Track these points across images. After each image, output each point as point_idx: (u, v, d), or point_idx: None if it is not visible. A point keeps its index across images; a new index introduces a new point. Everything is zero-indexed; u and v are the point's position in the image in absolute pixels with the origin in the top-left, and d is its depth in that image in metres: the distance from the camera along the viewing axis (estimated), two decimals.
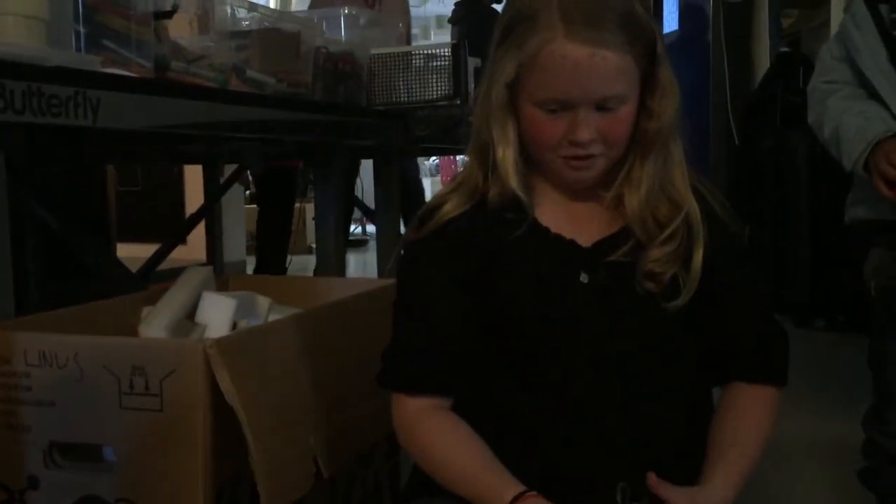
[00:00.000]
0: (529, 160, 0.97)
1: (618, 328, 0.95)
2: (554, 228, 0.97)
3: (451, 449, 0.94)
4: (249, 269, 5.50)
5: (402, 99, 2.35)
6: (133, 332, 1.35)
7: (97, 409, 1.08)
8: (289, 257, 3.61)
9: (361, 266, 6.13)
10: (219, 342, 1.05)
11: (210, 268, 1.49)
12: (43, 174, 2.10)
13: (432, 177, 9.64)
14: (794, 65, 3.84)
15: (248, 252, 5.66)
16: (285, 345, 1.18)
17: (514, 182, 0.95)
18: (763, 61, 4.32)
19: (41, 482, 1.12)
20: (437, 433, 0.96)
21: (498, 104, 0.93)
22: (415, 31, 7.20)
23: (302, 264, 5.35)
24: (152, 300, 1.45)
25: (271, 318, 1.38)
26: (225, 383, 1.03)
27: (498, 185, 0.96)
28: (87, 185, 3.39)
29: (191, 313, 1.37)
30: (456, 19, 4.46)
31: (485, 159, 0.97)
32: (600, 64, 0.88)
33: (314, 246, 6.40)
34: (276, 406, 1.10)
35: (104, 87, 1.29)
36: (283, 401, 1.12)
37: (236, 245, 5.30)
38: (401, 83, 2.35)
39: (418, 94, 2.36)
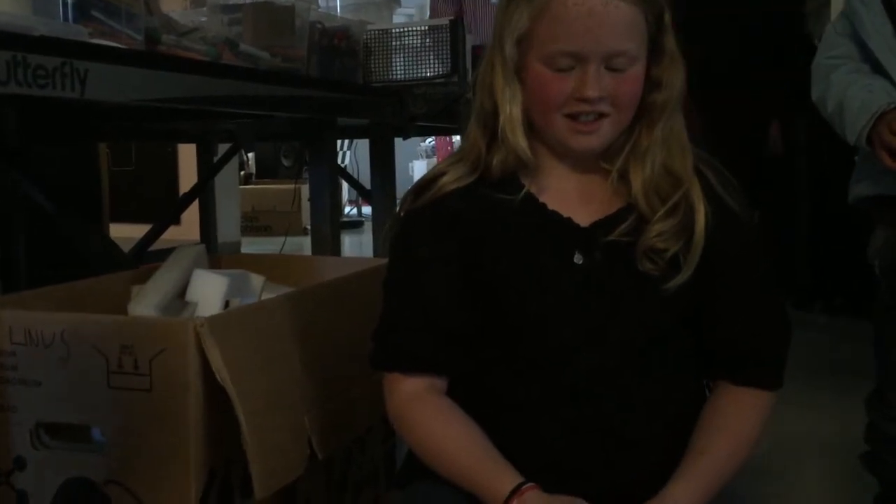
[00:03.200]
0: (533, 131, 0.94)
1: (615, 311, 0.91)
2: (552, 205, 0.94)
3: (447, 437, 0.92)
4: (245, 250, 5.49)
5: (399, 76, 2.30)
6: (123, 312, 1.31)
7: (85, 388, 1.05)
8: (283, 238, 3.57)
9: (357, 247, 6.10)
10: (210, 320, 1.02)
11: (202, 246, 1.45)
12: (34, 154, 2.06)
13: (428, 158, 9.60)
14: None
15: (244, 232, 5.65)
16: (279, 324, 1.15)
17: (520, 140, 0.91)
18: None
19: (28, 463, 1.09)
20: (433, 420, 0.93)
21: (509, 61, 0.90)
22: (410, 10, 7.14)
23: (297, 245, 5.32)
24: (142, 279, 1.42)
25: (265, 296, 1.35)
26: (216, 363, 1.00)
27: (501, 153, 0.93)
28: (78, 165, 3.35)
29: (182, 292, 1.34)
30: None
31: (488, 126, 0.94)
32: (614, 13, 0.86)
33: (308, 227, 6.38)
34: (269, 387, 1.08)
35: (92, 59, 1.25)
36: (276, 381, 1.10)
37: (231, 225, 5.26)
38: (397, 60, 2.31)
39: (415, 71, 2.32)
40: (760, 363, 0.95)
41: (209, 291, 1.20)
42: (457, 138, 8.78)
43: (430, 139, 9.19)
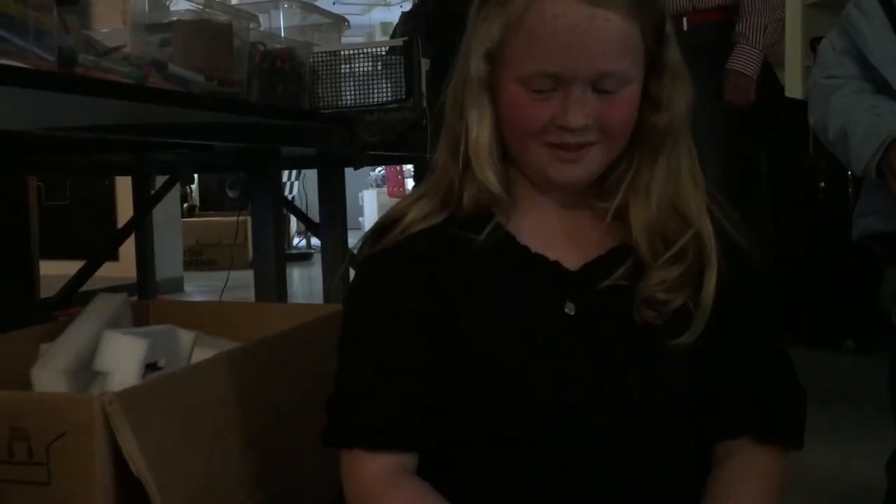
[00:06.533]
0: (508, 160, 0.79)
1: (614, 369, 0.77)
2: (535, 247, 0.80)
3: None
4: (188, 287, 5.25)
5: (349, 102, 2.14)
6: (26, 378, 1.11)
7: None
8: (227, 273, 3.37)
9: (307, 281, 5.89)
10: (121, 395, 0.84)
11: (123, 295, 1.26)
12: None
13: (378, 188, 9.46)
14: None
15: (187, 267, 5.40)
16: (210, 394, 0.96)
17: (488, 172, 0.78)
18: None
19: None
20: None
21: (475, 78, 0.77)
22: (359, 38, 7.01)
23: (243, 279, 5.10)
24: (54, 335, 1.22)
25: (197, 356, 1.15)
26: (129, 448, 0.81)
27: (472, 186, 0.79)
28: (5, 200, 3.14)
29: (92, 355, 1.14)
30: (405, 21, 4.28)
31: (457, 154, 0.79)
32: (602, 28, 0.72)
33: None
34: (198, 473, 0.89)
35: None
36: (206, 465, 0.91)
37: (173, 259, 5.03)
38: (347, 84, 2.15)
39: (366, 96, 2.16)
40: (784, 418, 0.82)
41: (123, 357, 1.00)
42: (408, 167, 8.69)
43: (380, 168, 9.06)
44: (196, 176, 5.83)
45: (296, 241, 7.22)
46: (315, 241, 6.89)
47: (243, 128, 1.66)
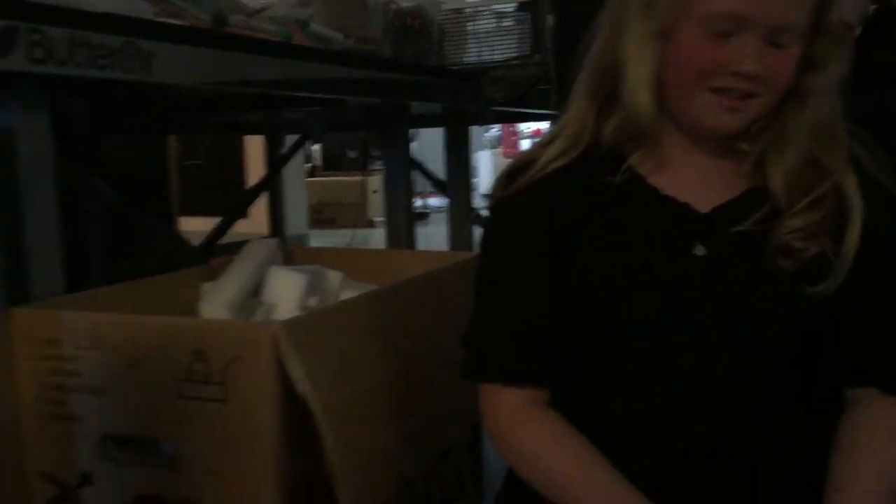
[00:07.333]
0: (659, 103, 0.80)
1: (742, 314, 0.77)
2: (665, 188, 0.81)
3: (563, 459, 0.79)
4: (313, 244, 5.44)
5: (475, 59, 2.18)
6: (192, 312, 1.22)
7: (154, 398, 0.96)
8: (352, 231, 3.49)
9: (424, 240, 5.99)
10: (288, 324, 0.91)
11: (276, 239, 1.35)
12: (105, 147, 2.01)
13: (493, 149, 9.44)
14: (892, 21, 3.54)
15: (309, 225, 5.61)
16: (362, 328, 1.03)
17: (644, 97, 0.77)
18: None
19: (96, 477, 1.00)
20: (544, 439, 0.80)
21: (652, 18, 0.76)
22: None
23: (362, 239, 5.25)
24: (213, 275, 1.33)
25: (343, 295, 1.23)
26: (296, 373, 0.89)
27: (616, 118, 0.80)
28: (149, 158, 3.33)
29: (256, 290, 1.24)
30: None
31: (601, 88, 0.81)
32: None
33: (375, 219, 6.33)
34: (354, 398, 0.96)
35: (158, 38, 1.15)
36: (360, 392, 0.98)
37: (299, 218, 5.22)
38: (473, 41, 2.18)
39: (492, 52, 2.19)
40: None
41: (286, 291, 1.09)
42: (524, 127, 8.61)
43: (495, 128, 9.04)
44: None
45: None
46: (431, 202, 7.01)
47: (377, 83, 1.73)
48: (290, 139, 3.07)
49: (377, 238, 6.06)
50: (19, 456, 1.00)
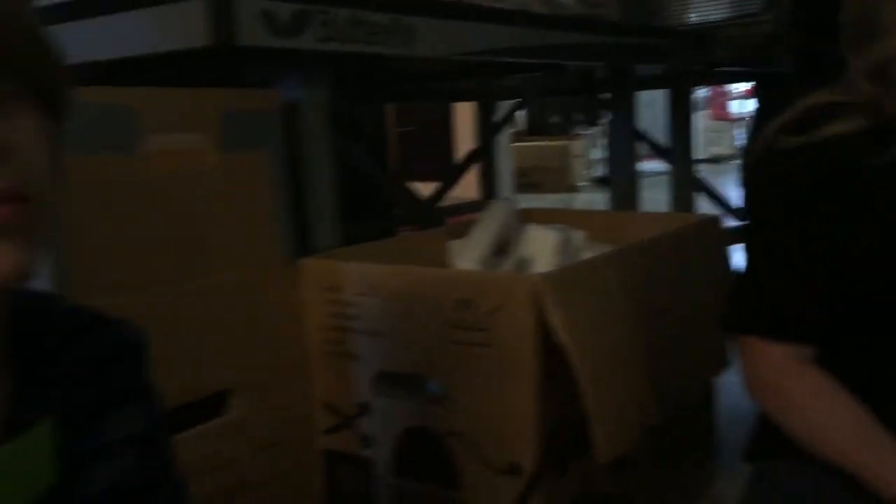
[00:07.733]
0: None
1: None
2: None
3: (834, 413, 0.80)
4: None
5: (702, 16, 2.14)
6: (441, 266, 1.33)
7: (424, 341, 1.07)
8: (555, 195, 3.53)
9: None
10: (549, 277, 0.99)
11: (514, 201, 1.43)
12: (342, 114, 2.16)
13: (701, 111, 9.06)
14: None
15: (516, 190, 5.71)
16: (609, 283, 1.09)
17: None
18: None
19: (371, 409, 1.13)
20: (816, 396, 0.81)
21: None
22: None
23: (566, 202, 5.28)
24: (455, 234, 1.43)
25: (586, 254, 1.29)
26: (555, 321, 0.96)
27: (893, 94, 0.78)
28: (369, 124, 3.54)
29: (500, 247, 1.33)
30: None
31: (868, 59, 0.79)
32: None
33: (578, 184, 6.32)
34: (607, 348, 1.02)
35: (419, 14, 1.25)
36: (612, 342, 1.04)
37: (504, 183, 5.34)
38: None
39: (719, 10, 2.14)
40: None
41: (541, 247, 1.16)
42: (734, 87, 8.18)
43: (703, 90, 8.67)
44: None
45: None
46: (645, 166, 6.87)
47: (604, 47, 1.75)
48: (501, 106, 3.15)
49: (580, 202, 6.07)
50: (311, 387, 1.15)
